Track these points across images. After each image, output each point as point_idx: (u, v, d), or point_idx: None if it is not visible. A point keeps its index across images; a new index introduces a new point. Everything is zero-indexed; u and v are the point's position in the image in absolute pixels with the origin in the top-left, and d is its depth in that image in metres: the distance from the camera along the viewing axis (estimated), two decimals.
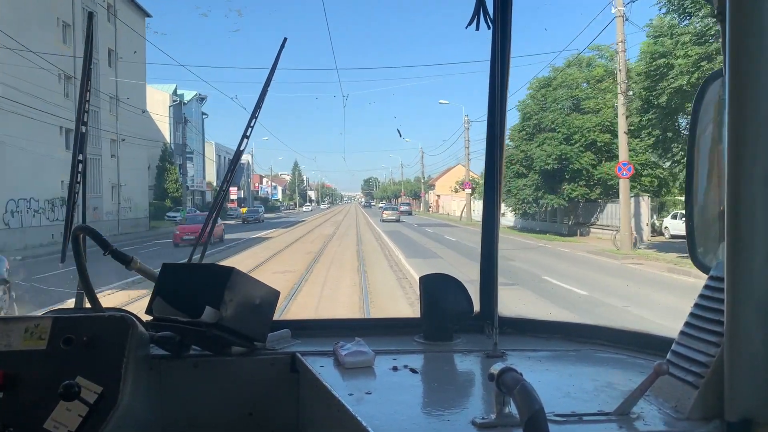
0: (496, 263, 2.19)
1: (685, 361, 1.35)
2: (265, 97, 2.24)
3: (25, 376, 1.59)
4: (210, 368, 1.94)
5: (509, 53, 2.12)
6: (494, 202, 2.24)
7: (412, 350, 2.03)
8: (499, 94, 2.13)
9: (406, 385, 1.70)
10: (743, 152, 1.10)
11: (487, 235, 2.25)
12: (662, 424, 1.33)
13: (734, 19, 1.12)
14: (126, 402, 1.58)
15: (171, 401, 1.90)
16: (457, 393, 1.70)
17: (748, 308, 1.13)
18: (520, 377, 1.19)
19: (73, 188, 2.17)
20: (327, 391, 1.61)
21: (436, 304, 2.14)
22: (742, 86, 1.10)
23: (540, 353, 1.98)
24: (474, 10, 2.06)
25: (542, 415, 1.11)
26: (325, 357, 1.92)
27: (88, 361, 1.60)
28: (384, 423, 1.38)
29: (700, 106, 1.58)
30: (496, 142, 2.18)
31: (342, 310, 12.47)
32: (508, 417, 1.31)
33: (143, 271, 2.03)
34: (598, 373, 1.77)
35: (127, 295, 12.61)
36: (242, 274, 1.87)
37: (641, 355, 1.87)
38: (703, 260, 1.55)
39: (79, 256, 1.98)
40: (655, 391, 1.40)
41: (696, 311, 1.40)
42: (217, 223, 1.87)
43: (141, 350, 1.73)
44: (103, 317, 1.73)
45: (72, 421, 1.52)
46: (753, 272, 1.11)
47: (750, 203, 1.10)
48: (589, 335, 2.11)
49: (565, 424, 1.34)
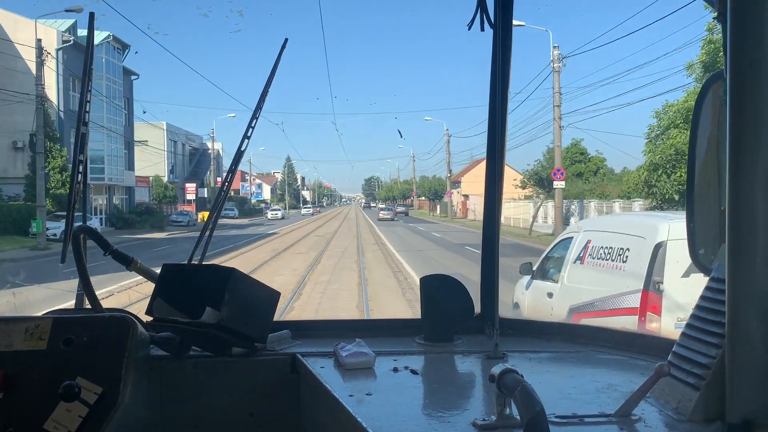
0: (497, 264, 2.19)
1: (687, 363, 1.35)
2: (266, 97, 2.24)
3: (26, 377, 1.59)
4: (210, 369, 1.94)
5: (510, 53, 2.12)
6: (495, 203, 2.24)
7: (412, 351, 2.03)
8: (500, 95, 2.13)
9: (406, 386, 1.70)
10: (744, 153, 1.10)
11: (488, 236, 2.25)
12: (663, 425, 1.32)
13: (735, 20, 1.12)
14: (126, 403, 1.58)
15: (171, 402, 1.90)
16: (458, 394, 1.70)
17: (749, 310, 1.12)
18: (521, 379, 1.18)
19: (74, 188, 2.16)
20: (327, 392, 1.60)
21: (437, 305, 2.13)
22: (743, 87, 1.10)
23: (541, 355, 1.98)
24: (475, 11, 2.05)
25: (543, 416, 1.11)
26: (325, 358, 1.91)
27: (89, 361, 1.60)
28: (384, 424, 1.38)
29: (701, 106, 1.58)
30: (496, 143, 2.18)
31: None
32: (508, 418, 1.31)
33: (144, 271, 2.03)
34: (599, 375, 1.77)
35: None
36: (243, 274, 1.87)
37: (642, 357, 1.87)
38: (704, 261, 1.55)
39: (80, 257, 1.98)
40: (656, 392, 1.40)
41: (697, 312, 1.39)
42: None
43: (141, 351, 1.73)
44: (103, 318, 1.73)
45: (72, 421, 1.52)
46: (754, 273, 1.11)
47: (751, 204, 1.10)
48: (590, 337, 2.11)
49: (565, 426, 1.34)
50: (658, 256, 5.66)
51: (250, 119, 2.22)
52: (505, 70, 2.11)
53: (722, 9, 1.22)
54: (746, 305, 1.12)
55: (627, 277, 5.99)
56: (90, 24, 2.25)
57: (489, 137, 2.21)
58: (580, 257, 7.03)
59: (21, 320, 1.68)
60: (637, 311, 5.77)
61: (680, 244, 4.39)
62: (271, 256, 24.92)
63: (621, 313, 5.99)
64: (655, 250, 5.71)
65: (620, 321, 5.83)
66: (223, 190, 2.34)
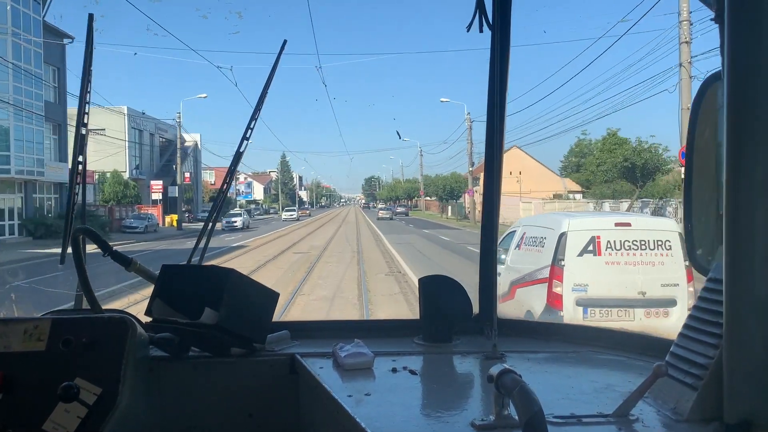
0: (495, 265, 2.19)
1: (684, 363, 1.35)
2: (265, 98, 2.24)
3: (24, 378, 1.59)
4: (209, 370, 1.94)
5: (508, 54, 2.13)
6: (493, 203, 2.24)
7: (411, 352, 2.03)
8: (499, 96, 2.13)
9: (405, 386, 1.70)
10: (742, 154, 1.10)
11: (486, 237, 2.25)
12: (661, 426, 1.32)
13: (732, 22, 1.12)
14: (125, 403, 1.58)
15: (170, 403, 1.90)
16: (457, 395, 1.70)
17: (746, 310, 1.13)
18: (519, 379, 1.19)
19: (73, 189, 2.17)
20: (326, 393, 1.61)
21: (436, 305, 2.14)
22: (741, 88, 1.10)
23: (539, 355, 1.98)
24: (474, 12, 2.06)
25: (541, 416, 1.11)
26: (324, 358, 1.92)
27: (87, 362, 1.60)
28: (383, 424, 1.38)
29: (698, 107, 1.59)
30: (495, 143, 2.19)
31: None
32: (507, 419, 1.31)
33: (143, 272, 2.03)
34: (597, 375, 1.77)
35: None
36: (241, 275, 1.87)
37: (640, 357, 1.87)
38: (702, 262, 1.55)
39: (79, 258, 1.98)
40: (654, 392, 1.40)
41: (695, 313, 1.40)
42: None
43: (140, 352, 1.73)
44: (102, 318, 1.73)
45: (71, 422, 1.52)
46: (752, 274, 1.11)
47: (748, 205, 1.10)
48: (588, 337, 2.11)
49: (564, 426, 1.34)
50: (561, 242, 7.95)
51: (249, 120, 2.23)
52: (504, 71, 2.11)
53: (720, 10, 1.23)
54: (744, 306, 1.13)
55: (543, 257, 8.29)
56: (89, 25, 2.24)
57: (488, 137, 2.21)
58: (518, 245, 9.31)
59: (20, 321, 1.68)
60: (547, 280, 8.00)
61: (576, 233, 7.93)
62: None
63: (539, 282, 8.25)
64: (560, 237, 7.99)
65: (539, 287, 8.21)
66: (222, 190, 2.34)
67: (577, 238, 7.86)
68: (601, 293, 7.75)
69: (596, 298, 7.76)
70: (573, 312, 7.67)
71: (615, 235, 7.87)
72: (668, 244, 7.78)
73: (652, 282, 7.73)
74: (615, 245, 7.81)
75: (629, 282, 7.71)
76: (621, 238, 7.83)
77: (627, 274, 7.75)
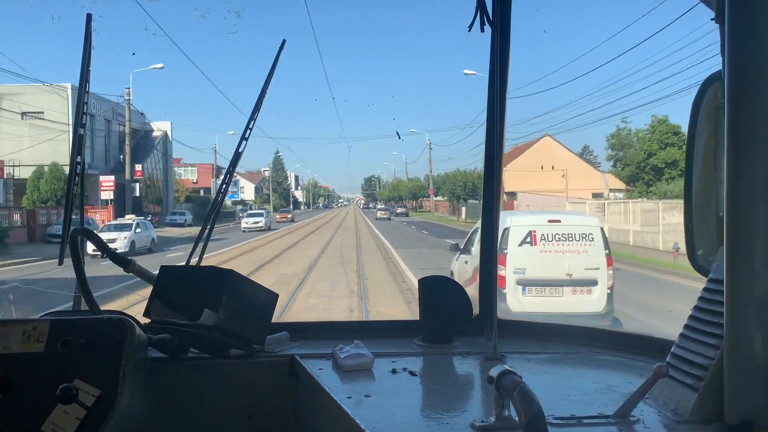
0: (495, 266, 2.19)
1: (685, 364, 1.35)
2: (263, 99, 2.24)
3: (23, 379, 1.58)
4: (208, 371, 1.94)
5: (508, 53, 2.12)
6: (494, 204, 2.24)
7: (411, 353, 2.03)
8: (499, 96, 2.13)
9: (405, 387, 1.70)
10: (742, 154, 1.10)
11: (487, 238, 2.25)
12: (662, 426, 1.32)
13: (732, 22, 1.12)
14: (124, 405, 1.57)
15: (169, 404, 1.90)
16: (457, 396, 1.69)
17: (747, 310, 1.12)
18: (520, 380, 1.18)
19: (71, 190, 2.16)
20: (326, 394, 1.60)
21: (435, 306, 2.13)
22: (741, 88, 1.10)
23: (539, 356, 1.98)
24: (474, 13, 2.05)
25: (541, 417, 1.11)
26: (323, 360, 1.91)
27: (86, 364, 1.59)
28: (383, 426, 1.38)
29: (698, 107, 1.58)
30: (495, 143, 2.18)
31: None
32: (507, 420, 1.30)
33: (141, 273, 2.02)
34: (598, 376, 1.77)
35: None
36: (240, 276, 1.86)
37: (641, 358, 1.87)
38: (702, 263, 1.55)
39: (78, 259, 1.97)
40: (654, 393, 1.40)
41: (695, 314, 1.40)
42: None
43: (139, 353, 1.72)
44: (101, 320, 1.73)
45: (70, 424, 1.52)
46: (752, 274, 1.11)
47: (749, 205, 1.10)
48: (588, 338, 2.11)
49: (564, 427, 1.34)
50: (505, 235, 9.65)
51: (248, 120, 2.22)
52: (504, 70, 2.11)
53: (720, 10, 1.22)
54: (744, 306, 1.12)
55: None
56: (87, 26, 2.23)
57: (487, 137, 2.21)
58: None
59: (18, 322, 1.68)
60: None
61: (517, 228, 9.88)
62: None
63: None
64: (504, 231, 9.62)
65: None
66: (221, 191, 2.34)
67: (517, 231, 9.85)
68: (536, 275, 9.79)
69: (532, 279, 9.82)
70: (514, 289, 9.73)
71: (548, 229, 9.89)
72: (591, 236, 9.83)
73: (578, 266, 9.75)
74: (548, 237, 9.84)
75: (559, 266, 9.74)
76: (552, 232, 9.86)
77: (557, 260, 9.76)
